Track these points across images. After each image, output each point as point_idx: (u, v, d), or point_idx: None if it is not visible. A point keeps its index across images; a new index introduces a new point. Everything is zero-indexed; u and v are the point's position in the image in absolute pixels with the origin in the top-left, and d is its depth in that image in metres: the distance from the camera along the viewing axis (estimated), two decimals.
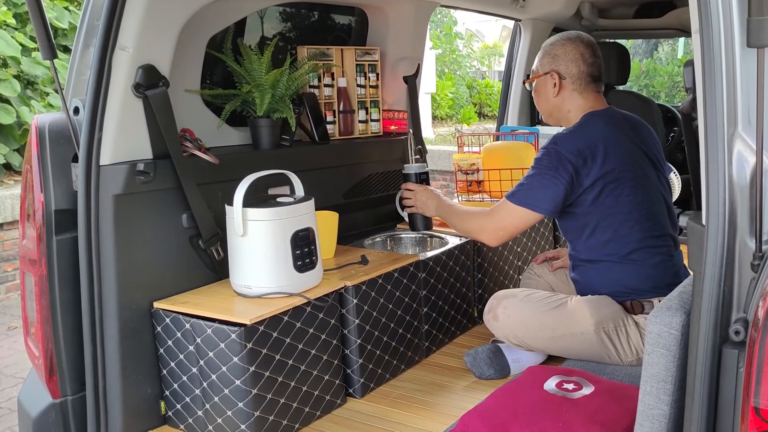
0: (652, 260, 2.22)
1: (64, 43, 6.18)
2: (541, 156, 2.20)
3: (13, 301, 5.33)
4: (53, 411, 1.98)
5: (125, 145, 1.98)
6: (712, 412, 1.17)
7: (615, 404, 1.78)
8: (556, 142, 2.20)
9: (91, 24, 1.98)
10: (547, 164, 2.17)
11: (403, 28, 3.07)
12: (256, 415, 1.94)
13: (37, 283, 1.95)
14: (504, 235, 2.27)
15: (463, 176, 3.38)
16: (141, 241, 2.02)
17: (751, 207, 1.15)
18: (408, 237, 2.91)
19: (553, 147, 2.18)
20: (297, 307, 2.05)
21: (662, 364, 1.30)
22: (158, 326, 2.06)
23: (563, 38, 2.33)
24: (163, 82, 2.02)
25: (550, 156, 2.17)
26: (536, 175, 2.18)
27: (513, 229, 2.26)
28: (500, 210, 2.25)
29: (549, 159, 2.17)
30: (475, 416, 1.80)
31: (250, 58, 2.43)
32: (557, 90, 2.30)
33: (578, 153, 2.15)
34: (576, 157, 2.14)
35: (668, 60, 12.97)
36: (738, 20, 1.15)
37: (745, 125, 1.16)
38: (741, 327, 1.14)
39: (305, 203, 2.12)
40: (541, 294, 2.32)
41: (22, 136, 5.82)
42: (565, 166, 2.14)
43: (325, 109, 2.82)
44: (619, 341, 2.19)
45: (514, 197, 2.21)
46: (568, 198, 2.17)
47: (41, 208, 1.93)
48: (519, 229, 2.27)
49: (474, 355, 2.38)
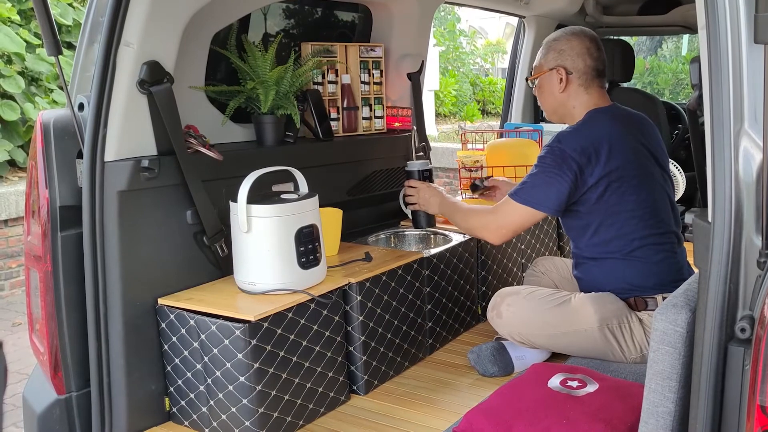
0: (656, 257, 2.21)
1: (68, 40, 6.18)
2: (545, 154, 2.18)
3: (18, 298, 5.34)
4: (58, 407, 1.98)
5: (130, 141, 1.98)
6: (718, 409, 1.17)
7: (619, 402, 1.78)
8: (560, 140, 2.18)
9: (96, 20, 1.98)
10: (551, 162, 2.15)
11: (407, 24, 3.07)
12: (260, 412, 1.94)
13: (41, 279, 1.96)
14: (507, 233, 2.26)
15: (467, 173, 3.38)
16: (145, 238, 2.02)
17: (757, 204, 1.15)
18: (412, 234, 2.91)
19: (557, 145, 2.17)
20: (301, 304, 2.05)
21: (667, 361, 1.30)
22: (162, 322, 2.06)
23: (567, 33, 2.31)
24: (168, 79, 2.02)
25: (554, 154, 2.16)
26: (540, 174, 2.17)
27: (516, 228, 2.25)
28: (503, 208, 2.24)
29: (553, 157, 2.15)
30: (479, 413, 1.80)
31: (254, 54, 2.43)
32: (564, 85, 2.28)
33: (582, 151, 2.13)
34: (580, 155, 2.13)
35: (672, 57, 12.93)
36: (745, 16, 1.14)
37: (752, 122, 1.16)
38: (747, 324, 1.14)
39: (309, 200, 2.12)
40: (544, 291, 2.32)
41: (27, 133, 5.83)
42: (570, 164, 2.13)
43: (329, 106, 2.82)
44: (623, 338, 2.19)
45: (517, 195, 2.20)
46: (572, 196, 2.17)
47: (46, 205, 1.94)
48: (522, 227, 2.27)
49: (478, 352, 2.38)
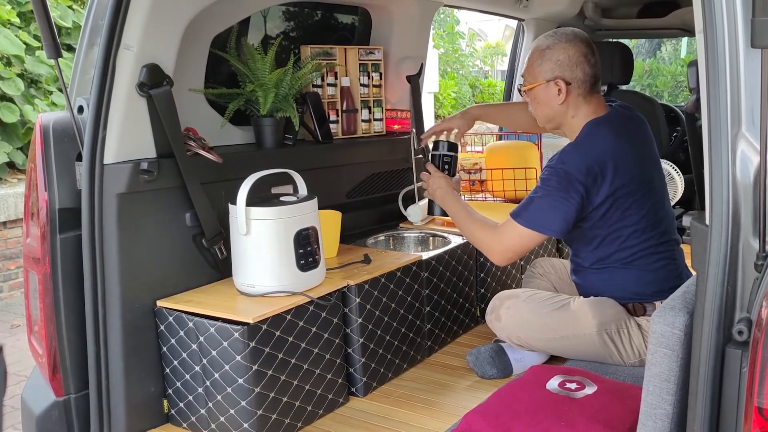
0: (656, 265, 2.21)
1: (67, 42, 6.18)
2: (549, 176, 2.11)
3: (16, 299, 5.34)
4: (56, 409, 1.98)
5: (129, 144, 1.98)
6: (715, 412, 1.17)
7: (618, 404, 1.78)
8: (564, 161, 2.10)
9: (96, 23, 1.99)
10: (556, 185, 2.08)
11: (406, 27, 3.08)
12: (259, 414, 1.94)
13: (40, 281, 1.96)
14: (512, 256, 2.20)
15: (466, 176, 3.38)
16: (144, 240, 2.03)
17: (754, 207, 1.15)
18: (410, 236, 2.91)
19: (561, 167, 2.09)
20: (300, 306, 2.05)
21: (665, 363, 1.30)
22: (161, 325, 2.06)
23: (562, 40, 2.19)
24: (167, 81, 2.02)
25: (559, 176, 2.08)
26: (546, 197, 2.09)
27: (521, 251, 2.18)
28: (508, 231, 2.15)
29: (558, 180, 2.08)
30: (477, 415, 1.80)
31: (253, 57, 2.43)
32: (563, 97, 2.18)
33: (587, 172, 2.07)
34: (586, 177, 2.07)
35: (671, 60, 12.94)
36: (742, 20, 1.15)
37: (749, 125, 1.16)
38: (744, 327, 1.14)
39: (308, 202, 2.13)
40: (543, 295, 2.32)
41: (26, 135, 5.82)
42: (576, 186, 2.06)
43: (329, 109, 2.82)
44: (622, 343, 2.19)
45: (521, 218, 2.12)
46: (578, 217, 2.12)
47: (45, 207, 1.94)
48: (526, 249, 2.20)
49: (476, 354, 2.38)
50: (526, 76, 2.26)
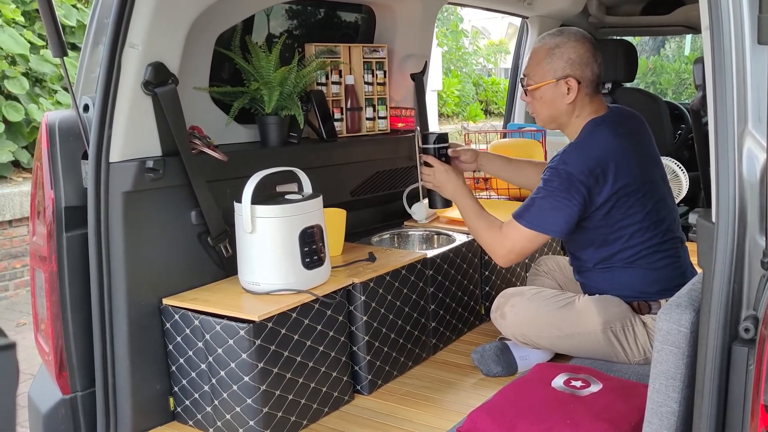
0: (660, 263, 2.20)
1: (72, 41, 6.19)
2: (551, 177, 2.11)
3: (22, 298, 5.36)
4: (63, 407, 1.99)
5: (134, 142, 1.99)
6: (722, 409, 1.18)
7: (623, 402, 1.78)
8: (565, 161, 2.10)
9: (101, 21, 1.99)
10: (558, 186, 2.08)
11: (410, 25, 3.07)
12: (265, 412, 1.95)
13: (47, 279, 1.96)
14: (515, 258, 2.20)
15: (470, 173, 3.38)
16: (150, 238, 2.03)
17: (761, 204, 1.15)
18: (415, 234, 2.92)
19: (563, 167, 2.09)
20: (305, 304, 2.06)
21: (671, 361, 1.30)
22: (167, 323, 2.06)
23: (571, 39, 2.18)
24: (172, 80, 2.02)
25: (561, 177, 2.08)
26: (548, 198, 2.09)
27: (523, 252, 2.18)
28: (510, 232, 2.15)
29: (560, 181, 2.08)
30: (482, 413, 1.80)
31: (258, 55, 2.43)
32: (573, 96, 2.16)
33: (590, 173, 2.07)
34: (588, 177, 2.07)
35: (675, 57, 12.91)
36: (748, 17, 1.15)
37: (755, 123, 1.16)
38: (750, 324, 1.14)
39: (313, 200, 2.13)
40: (548, 292, 2.31)
41: (31, 134, 5.84)
42: (578, 187, 2.06)
43: (333, 107, 2.82)
44: (627, 341, 2.19)
45: (524, 219, 2.12)
46: (580, 217, 2.12)
47: (51, 205, 1.94)
48: (529, 251, 2.19)
49: (481, 352, 2.38)
50: (531, 75, 2.23)
